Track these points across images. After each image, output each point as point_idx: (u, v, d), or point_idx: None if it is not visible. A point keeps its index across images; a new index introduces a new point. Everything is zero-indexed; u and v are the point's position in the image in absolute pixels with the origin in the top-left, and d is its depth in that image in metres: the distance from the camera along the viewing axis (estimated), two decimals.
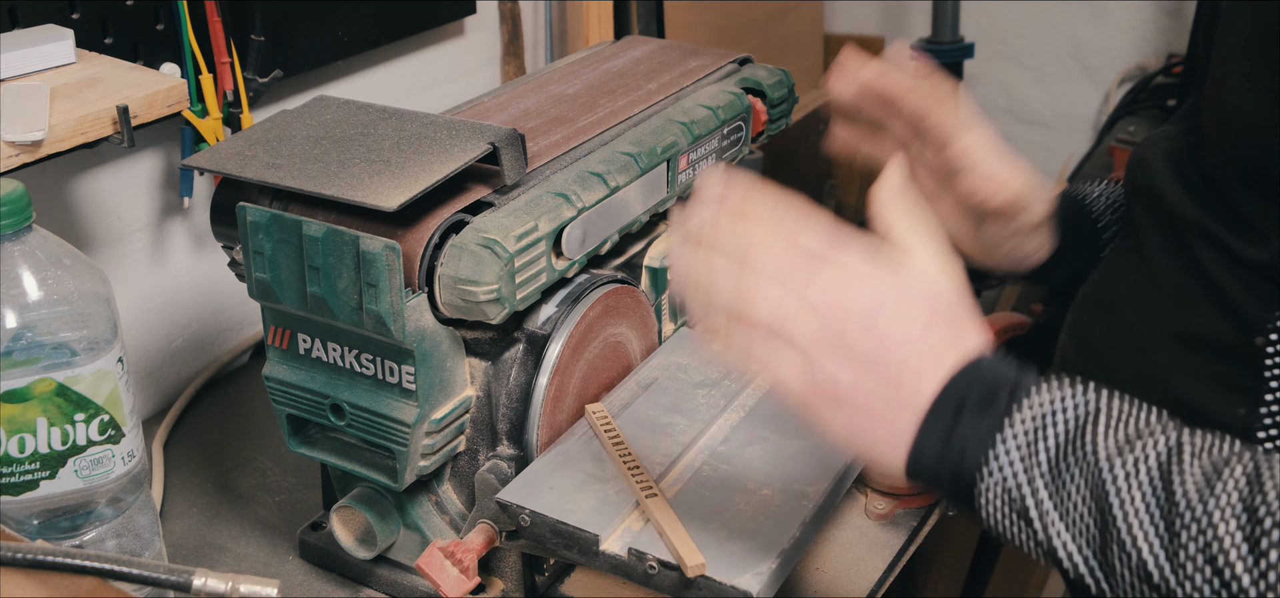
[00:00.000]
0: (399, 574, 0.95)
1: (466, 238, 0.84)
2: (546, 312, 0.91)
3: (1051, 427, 0.63)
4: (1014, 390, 0.64)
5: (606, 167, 0.93)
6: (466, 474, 0.92)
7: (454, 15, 1.51)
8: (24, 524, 0.86)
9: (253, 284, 0.87)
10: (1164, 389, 0.79)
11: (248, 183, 0.89)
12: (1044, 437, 0.63)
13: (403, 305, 0.81)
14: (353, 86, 1.42)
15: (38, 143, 0.90)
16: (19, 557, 0.66)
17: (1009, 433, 0.63)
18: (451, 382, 0.88)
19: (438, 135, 0.89)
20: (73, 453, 0.85)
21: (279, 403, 0.91)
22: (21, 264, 0.82)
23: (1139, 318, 0.83)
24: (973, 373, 0.65)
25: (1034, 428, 0.63)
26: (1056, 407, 0.63)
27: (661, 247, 1.05)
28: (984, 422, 0.64)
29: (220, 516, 1.08)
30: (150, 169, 1.22)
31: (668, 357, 1.01)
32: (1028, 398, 0.64)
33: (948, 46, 2.23)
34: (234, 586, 0.67)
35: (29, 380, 0.82)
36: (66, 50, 1.01)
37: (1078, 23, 2.30)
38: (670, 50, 1.20)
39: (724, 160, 1.08)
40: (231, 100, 1.21)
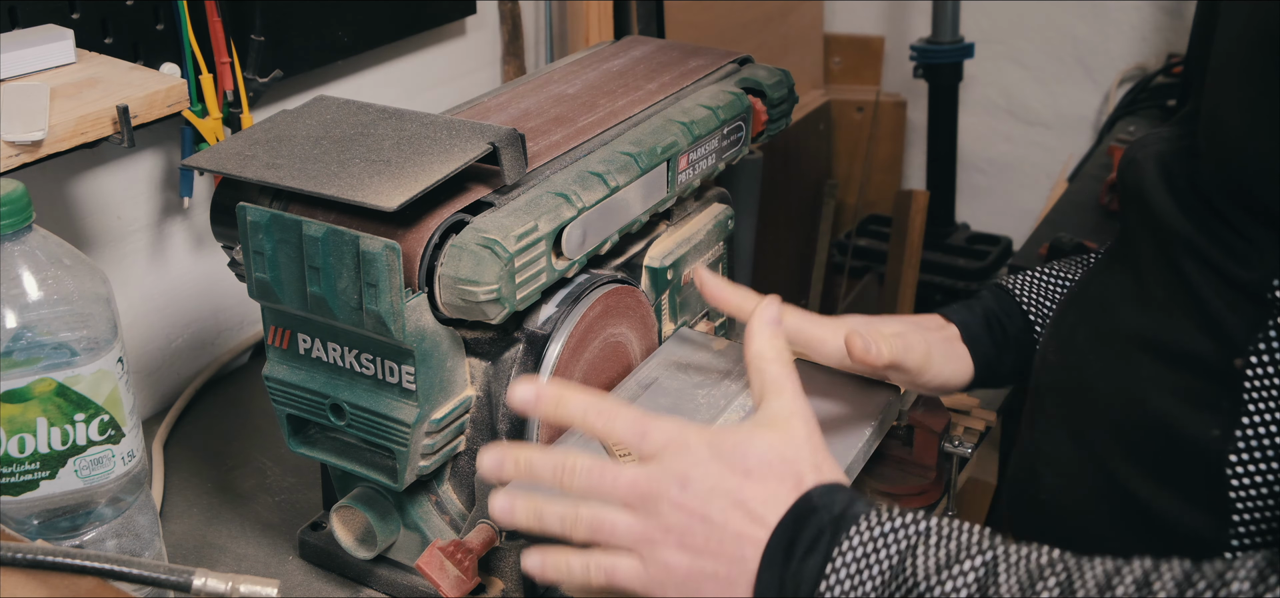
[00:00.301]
0: (399, 574, 0.95)
1: (466, 238, 0.84)
2: (546, 312, 0.91)
3: (877, 557, 0.66)
4: (839, 523, 0.68)
5: (606, 167, 0.93)
6: (466, 474, 0.92)
7: (454, 15, 1.51)
8: (24, 524, 0.86)
9: (253, 284, 0.87)
10: (1141, 403, 0.77)
11: (248, 183, 0.89)
12: (870, 567, 0.66)
13: (403, 305, 0.81)
14: (353, 86, 1.42)
15: (38, 143, 0.90)
16: (19, 557, 0.66)
17: (838, 564, 0.67)
18: (451, 382, 0.88)
19: (438, 135, 0.89)
20: (73, 453, 0.85)
21: (279, 403, 0.91)
22: (21, 264, 0.82)
23: (1124, 325, 0.81)
24: (800, 513, 0.69)
25: (861, 557, 0.66)
26: (883, 536, 0.67)
27: (662, 247, 1.05)
28: (811, 561, 0.67)
29: (220, 516, 1.08)
30: (150, 169, 1.22)
31: (668, 357, 1.01)
32: (856, 528, 0.67)
33: (948, 46, 2.23)
34: (234, 586, 0.67)
35: (29, 380, 0.82)
36: (66, 50, 1.01)
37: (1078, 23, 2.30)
38: (670, 50, 1.20)
39: (726, 160, 1.08)
40: (231, 100, 1.21)
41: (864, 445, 0.93)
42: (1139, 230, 0.82)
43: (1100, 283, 0.87)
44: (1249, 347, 0.71)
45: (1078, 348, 0.86)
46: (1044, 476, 0.85)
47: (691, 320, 1.10)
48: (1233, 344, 0.72)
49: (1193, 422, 0.74)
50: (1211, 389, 0.73)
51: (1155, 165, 0.81)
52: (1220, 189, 0.73)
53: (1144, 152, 0.84)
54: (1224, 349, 0.73)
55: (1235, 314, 0.72)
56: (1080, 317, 0.87)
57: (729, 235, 1.13)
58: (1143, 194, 0.81)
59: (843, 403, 0.96)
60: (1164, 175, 0.80)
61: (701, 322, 1.12)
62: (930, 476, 1.03)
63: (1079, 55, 2.32)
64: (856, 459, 0.91)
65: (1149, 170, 0.81)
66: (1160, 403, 0.76)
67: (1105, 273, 0.88)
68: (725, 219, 1.12)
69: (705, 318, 1.13)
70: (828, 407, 0.95)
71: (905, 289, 2.22)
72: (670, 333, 1.06)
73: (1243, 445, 0.71)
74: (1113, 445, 0.80)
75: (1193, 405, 0.74)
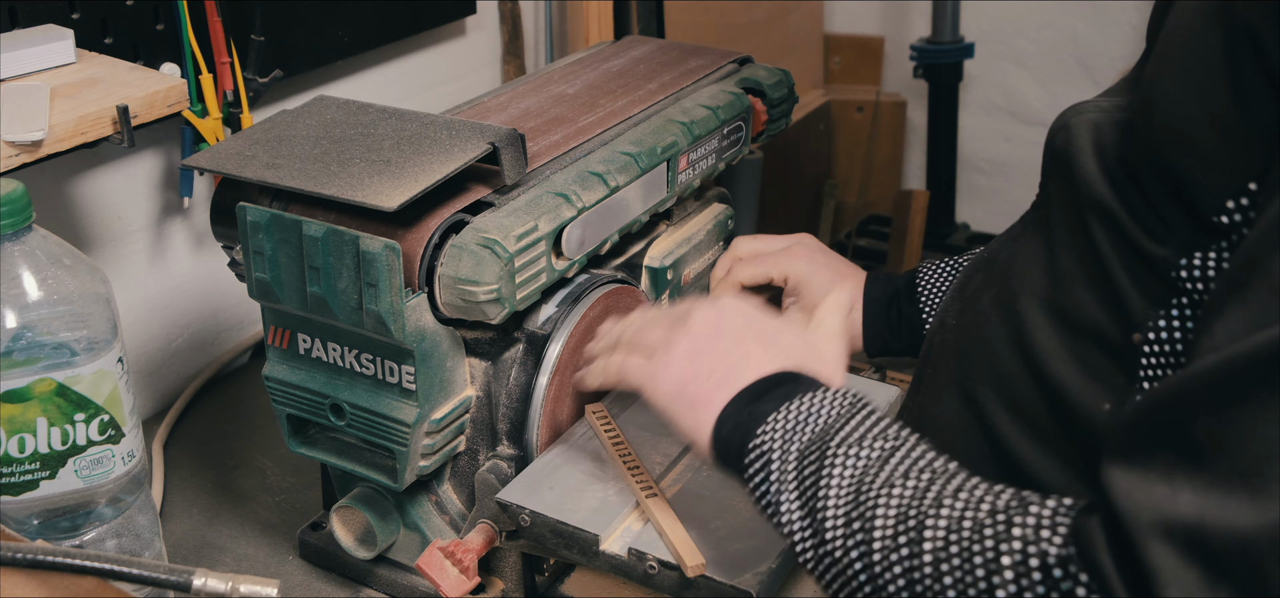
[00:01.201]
0: (399, 574, 0.95)
1: (466, 238, 0.84)
2: (546, 312, 0.91)
3: (816, 415, 0.74)
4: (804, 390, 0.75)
5: (606, 166, 0.93)
6: (466, 474, 0.92)
7: (454, 15, 1.51)
8: (24, 524, 0.86)
9: (253, 284, 0.87)
10: (1037, 370, 0.78)
11: (248, 183, 0.89)
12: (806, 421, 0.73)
13: (403, 305, 0.81)
14: (353, 86, 1.42)
15: (38, 143, 0.90)
16: (19, 557, 0.66)
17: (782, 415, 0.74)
18: (451, 382, 0.88)
19: (438, 135, 0.89)
20: (73, 453, 0.85)
21: (279, 403, 0.91)
22: (21, 264, 0.82)
23: (1026, 290, 0.81)
24: (787, 375, 0.77)
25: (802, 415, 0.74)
26: (825, 403, 0.74)
27: (662, 247, 1.05)
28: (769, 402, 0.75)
29: (220, 516, 1.08)
30: (150, 169, 1.22)
31: None
32: (808, 395, 0.75)
33: (948, 46, 2.23)
34: (234, 586, 0.67)
35: (29, 380, 0.82)
36: (66, 50, 1.01)
37: (1078, 23, 2.30)
38: (670, 50, 1.20)
39: (726, 160, 1.08)
40: (231, 100, 1.21)
41: None
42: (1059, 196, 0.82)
43: (1011, 249, 0.87)
44: (1147, 324, 0.71)
45: (980, 311, 0.85)
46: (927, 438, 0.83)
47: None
48: (1132, 320, 0.72)
49: (1086, 393, 0.74)
50: (1108, 363, 0.73)
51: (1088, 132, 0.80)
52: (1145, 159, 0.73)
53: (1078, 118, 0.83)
54: (1123, 324, 0.73)
55: (1139, 290, 0.72)
56: (986, 281, 0.87)
57: (729, 235, 1.13)
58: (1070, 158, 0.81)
59: None
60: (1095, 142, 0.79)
61: None
62: None
63: (1079, 55, 2.32)
64: None
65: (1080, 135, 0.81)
66: (1057, 370, 0.76)
67: (1018, 239, 0.87)
68: (725, 219, 1.12)
69: None
70: None
71: None
72: None
73: None
74: (1000, 408, 0.80)
75: (1088, 378, 0.74)
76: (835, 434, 0.72)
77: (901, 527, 0.66)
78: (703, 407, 0.76)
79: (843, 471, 0.70)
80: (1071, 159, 0.81)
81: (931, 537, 0.65)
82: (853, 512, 0.68)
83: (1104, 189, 0.76)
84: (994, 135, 2.49)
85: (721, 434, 0.75)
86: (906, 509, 0.67)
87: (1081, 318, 0.76)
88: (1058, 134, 0.85)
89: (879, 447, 0.71)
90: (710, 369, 0.77)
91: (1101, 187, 0.76)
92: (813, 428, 0.73)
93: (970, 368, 0.84)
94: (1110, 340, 0.73)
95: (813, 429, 0.73)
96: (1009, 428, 0.79)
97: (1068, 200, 0.80)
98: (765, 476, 0.73)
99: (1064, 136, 0.83)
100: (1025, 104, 2.43)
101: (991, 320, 0.83)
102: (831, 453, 0.71)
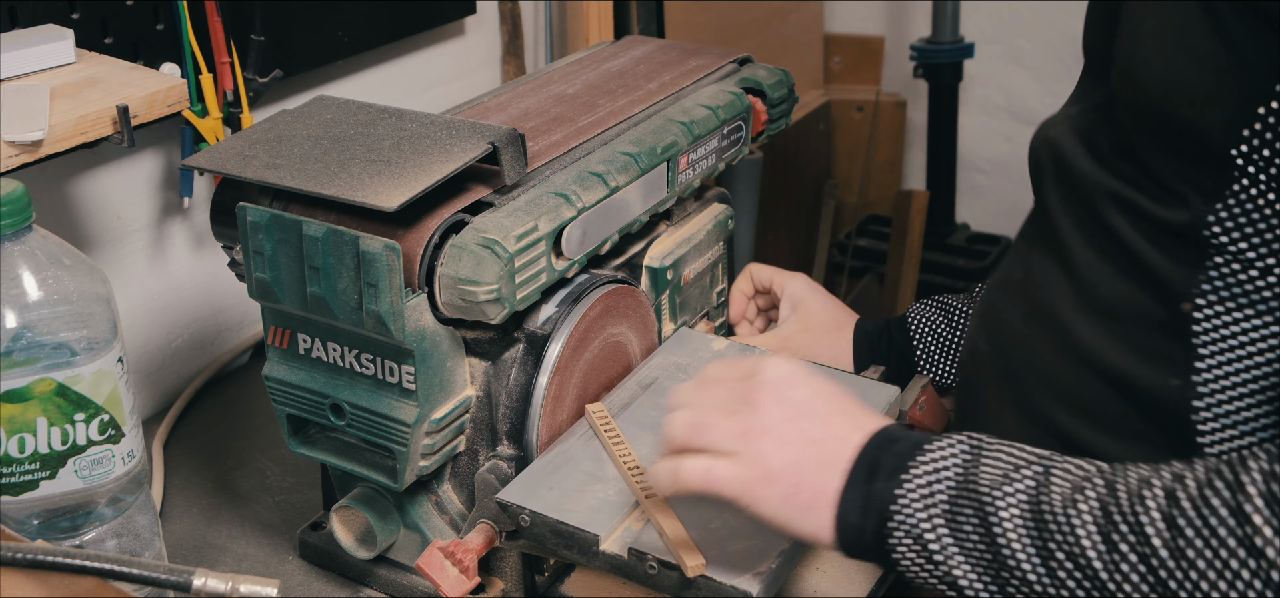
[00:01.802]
0: (399, 574, 0.95)
1: (466, 238, 0.84)
2: (546, 312, 0.91)
3: (945, 472, 0.71)
4: (914, 448, 0.73)
5: (606, 166, 0.93)
6: (466, 474, 0.92)
7: (454, 15, 1.51)
8: (24, 524, 0.86)
9: (253, 284, 0.87)
10: (1093, 366, 0.78)
11: (248, 183, 0.89)
12: (939, 480, 0.71)
13: (403, 305, 0.81)
14: (353, 86, 1.42)
15: (38, 143, 0.90)
16: (19, 557, 0.66)
17: (910, 485, 0.71)
18: (451, 382, 0.88)
19: (438, 135, 0.89)
20: (73, 453, 0.85)
21: (279, 403, 0.91)
22: (21, 264, 0.82)
23: (1055, 297, 0.82)
24: (884, 438, 0.74)
25: (930, 475, 0.71)
26: (947, 455, 0.72)
27: (662, 247, 1.05)
28: (893, 479, 0.72)
29: (220, 516, 1.08)
30: (150, 169, 1.22)
31: (668, 357, 1.01)
32: (924, 452, 0.72)
33: (948, 46, 2.23)
34: (234, 586, 0.67)
35: (29, 380, 0.82)
36: (66, 50, 1.01)
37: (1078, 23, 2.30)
38: (670, 50, 1.20)
39: (726, 160, 1.08)
40: (231, 100, 1.21)
41: None
42: (1058, 204, 0.83)
43: (1022, 267, 0.88)
44: (1193, 291, 0.72)
45: (1012, 332, 0.86)
46: None
47: (691, 320, 1.10)
48: (1175, 291, 0.72)
49: (1149, 375, 0.74)
50: (1161, 340, 0.74)
51: (1072, 137, 0.82)
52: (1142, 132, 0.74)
53: (1056, 130, 0.84)
54: (1167, 298, 0.73)
55: (1174, 261, 0.73)
56: (1008, 301, 0.88)
57: (729, 235, 1.13)
58: (1062, 163, 0.82)
59: None
60: (1084, 141, 0.80)
61: (701, 322, 1.12)
62: None
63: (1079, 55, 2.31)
64: None
65: (1065, 141, 0.82)
66: (1114, 362, 0.77)
67: (1025, 257, 0.88)
68: (725, 219, 1.12)
69: (705, 318, 1.13)
70: None
71: (905, 289, 2.21)
72: (670, 333, 1.06)
73: (1203, 390, 0.72)
74: (1069, 414, 0.80)
75: (1146, 359, 0.75)
76: (977, 481, 0.70)
77: (1113, 529, 0.65)
78: (821, 505, 0.73)
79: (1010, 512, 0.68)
80: (1063, 162, 0.82)
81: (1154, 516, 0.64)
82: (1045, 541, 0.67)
83: (1108, 178, 0.77)
84: (994, 135, 2.49)
85: (849, 524, 0.72)
86: (1108, 511, 0.66)
87: (1121, 306, 0.76)
88: (1040, 150, 0.87)
89: (1031, 473, 0.69)
90: (809, 461, 0.73)
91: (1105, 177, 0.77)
92: (947, 486, 0.71)
93: (1023, 384, 0.84)
94: (1155, 318, 0.74)
95: (948, 487, 0.71)
96: (1083, 430, 0.79)
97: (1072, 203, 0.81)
98: (922, 551, 0.71)
99: (1048, 149, 0.85)
100: (1025, 104, 2.42)
101: (1029, 336, 0.84)
102: (990, 500, 0.69)
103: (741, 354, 1.01)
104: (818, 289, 1.14)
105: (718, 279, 1.13)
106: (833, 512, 0.72)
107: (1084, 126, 0.82)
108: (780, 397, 0.75)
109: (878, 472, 0.72)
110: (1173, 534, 0.63)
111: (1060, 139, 0.83)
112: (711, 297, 1.13)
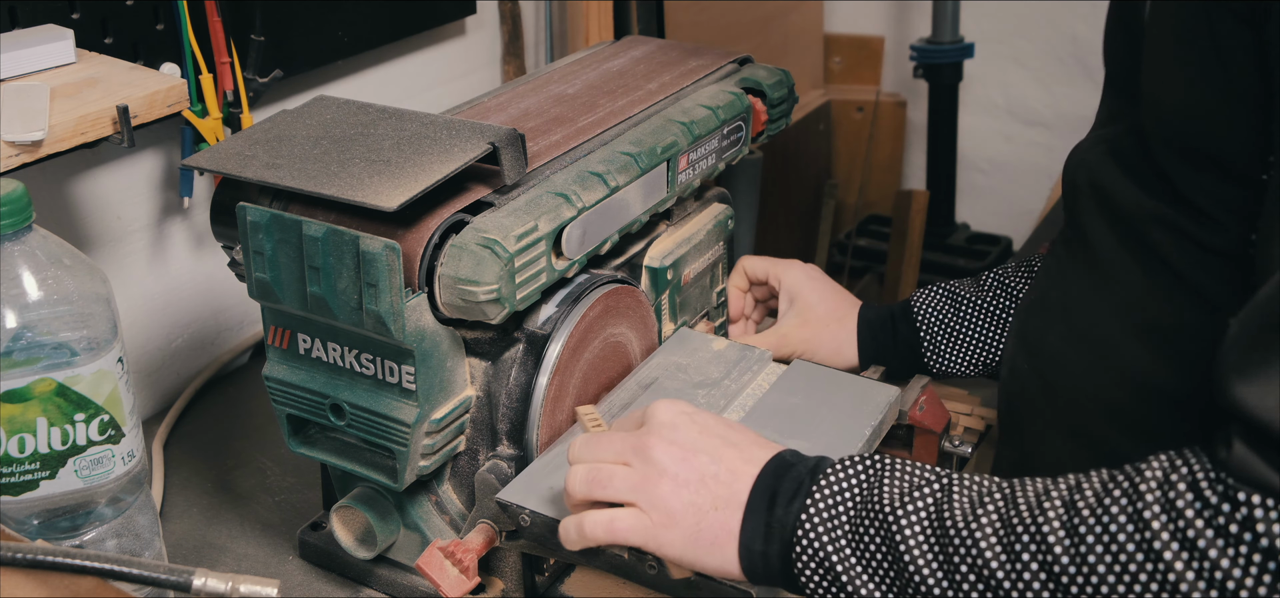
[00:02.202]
0: (399, 574, 0.95)
1: (466, 238, 0.84)
2: (546, 312, 0.91)
3: (847, 494, 0.73)
4: (813, 472, 0.75)
5: (606, 166, 0.93)
6: (466, 474, 0.92)
7: (454, 15, 1.51)
8: (24, 524, 0.86)
9: (253, 284, 0.87)
10: (1139, 384, 0.79)
11: (248, 183, 0.89)
12: (842, 503, 0.73)
13: (403, 305, 0.81)
14: (353, 86, 1.42)
15: (38, 143, 0.90)
16: (19, 557, 0.66)
17: (813, 509, 0.73)
18: (451, 382, 0.88)
19: (438, 135, 0.89)
20: (73, 453, 0.85)
21: (279, 403, 0.91)
22: (21, 264, 0.82)
23: (1098, 318, 0.83)
24: (779, 465, 0.76)
25: (833, 497, 0.73)
26: (849, 477, 0.74)
27: (662, 247, 1.05)
28: (794, 505, 0.74)
29: (220, 516, 1.08)
30: (150, 169, 1.22)
31: (668, 357, 1.01)
32: (825, 476, 0.74)
33: (948, 46, 2.23)
34: (234, 586, 0.67)
35: (29, 380, 0.82)
36: (66, 50, 1.01)
37: (1078, 23, 2.30)
38: (670, 50, 1.20)
39: (726, 160, 1.08)
40: (231, 100, 1.21)
41: (864, 446, 0.93)
42: (1099, 227, 0.84)
43: (1058, 288, 0.89)
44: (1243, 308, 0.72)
45: (1052, 353, 0.87)
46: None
47: (691, 320, 1.10)
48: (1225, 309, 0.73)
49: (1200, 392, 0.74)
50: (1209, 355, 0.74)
51: (1111, 159, 0.83)
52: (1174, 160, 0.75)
53: (1090, 152, 0.86)
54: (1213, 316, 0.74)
55: (1221, 280, 0.74)
56: (1046, 323, 0.89)
57: (729, 235, 1.13)
58: (1100, 186, 0.83)
59: (843, 403, 0.96)
60: (1122, 163, 0.81)
61: (701, 322, 1.12)
62: None
63: (1079, 55, 2.32)
64: None
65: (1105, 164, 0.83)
66: (1164, 380, 0.78)
67: (1060, 277, 0.89)
68: (725, 219, 1.12)
69: (705, 318, 1.13)
70: (828, 406, 0.95)
71: (905, 289, 2.22)
72: (670, 333, 1.06)
73: None
74: (1114, 432, 0.81)
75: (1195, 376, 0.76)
76: (880, 500, 0.72)
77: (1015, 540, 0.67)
78: (723, 542, 0.74)
79: (913, 528, 0.70)
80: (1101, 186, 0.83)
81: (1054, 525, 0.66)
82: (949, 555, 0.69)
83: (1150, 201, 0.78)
84: (994, 135, 2.49)
85: (753, 552, 0.74)
86: (1009, 521, 0.68)
87: (1169, 326, 0.77)
88: (1076, 172, 0.87)
89: (931, 490, 0.71)
90: (706, 499, 0.75)
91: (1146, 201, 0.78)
92: (849, 507, 0.73)
93: (1066, 405, 0.85)
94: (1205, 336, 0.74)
95: (851, 508, 0.72)
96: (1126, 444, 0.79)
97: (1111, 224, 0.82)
98: (826, 572, 0.72)
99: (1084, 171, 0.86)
100: (1025, 104, 2.43)
101: (1069, 356, 0.85)
102: (893, 517, 0.71)
103: (742, 353, 1.01)
104: (816, 277, 1.13)
105: (718, 279, 1.13)
106: (736, 545, 0.74)
107: (1121, 150, 0.82)
108: (670, 439, 0.76)
109: (777, 498, 0.74)
110: (1073, 541, 0.65)
111: (1098, 164, 0.84)
112: (711, 297, 1.13)
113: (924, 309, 1.10)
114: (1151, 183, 0.78)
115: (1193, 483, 0.63)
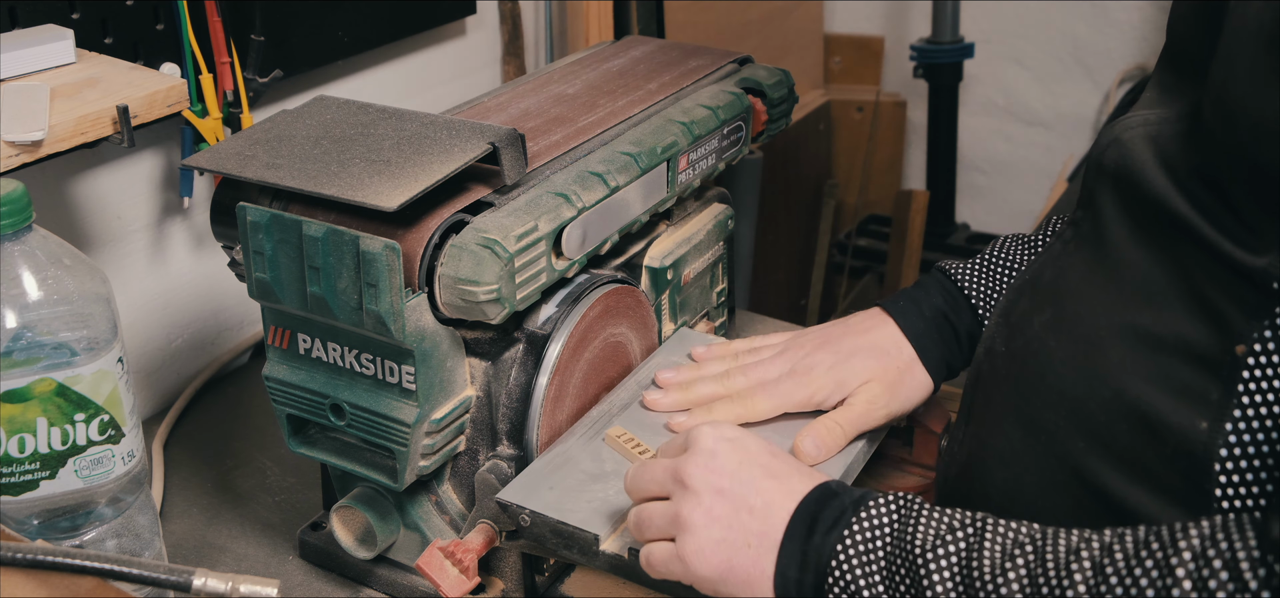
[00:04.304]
0: (399, 574, 0.95)
1: (466, 238, 0.84)
2: (546, 312, 0.91)
3: (884, 530, 0.72)
4: (857, 505, 0.74)
5: (606, 166, 0.93)
6: (466, 474, 0.92)
7: (454, 15, 1.51)
8: (24, 524, 0.86)
9: (253, 284, 0.87)
10: (1116, 391, 0.74)
11: (248, 183, 0.89)
12: (880, 537, 0.72)
13: (403, 305, 0.81)
14: (353, 86, 1.42)
15: (38, 143, 0.90)
16: (19, 557, 0.66)
17: (849, 540, 0.72)
18: (451, 382, 0.88)
19: (438, 135, 0.89)
20: (73, 453, 0.85)
21: (279, 403, 0.91)
22: (21, 264, 0.82)
23: (1090, 311, 0.77)
24: (824, 494, 0.75)
25: (870, 532, 0.72)
26: (888, 513, 0.73)
27: (662, 247, 1.05)
28: (831, 535, 0.73)
29: (220, 516, 1.08)
30: (150, 169, 1.22)
31: (668, 357, 1.01)
32: (864, 509, 0.73)
33: (948, 46, 2.23)
34: (234, 586, 0.67)
35: (29, 380, 0.82)
36: (66, 50, 1.01)
37: (1078, 23, 2.30)
38: (670, 50, 1.20)
39: (726, 160, 1.08)
40: (231, 100, 1.21)
41: (863, 447, 0.93)
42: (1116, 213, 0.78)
43: (1058, 268, 0.83)
44: (1252, 335, 0.68)
45: (1033, 336, 0.82)
46: (993, 471, 0.82)
47: (691, 320, 1.10)
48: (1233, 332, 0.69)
49: (1178, 414, 0.71)
50: (1200, 379, 0.70)
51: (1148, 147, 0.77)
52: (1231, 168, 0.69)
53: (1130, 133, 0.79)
54: (1222, 337, 0.69)
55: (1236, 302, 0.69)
56: (1034, 304, 0.83)
57: (729, 235, 1.13)
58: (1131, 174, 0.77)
59: None
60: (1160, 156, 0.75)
61: (701, 322, 1.12)
62: (930, 476, 1.03)
63: (1079, 55, 2.32)
64: (856, 460, 0.91)
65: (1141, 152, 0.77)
66: (1139, 392, 0.73)
67: (1063, 257, 0.83)
68: (725, 219, 1.12)
69: (705, 318, 1.13)
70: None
71: None
72: (670, 333, 1.06)
73: (1233, 439, 0.68)
74: (1076, 436, 0.76)
75: (1176, 396, 0.71)
76: (913, 542, 0.71)
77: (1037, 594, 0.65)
78: (757, 579, 0.74)
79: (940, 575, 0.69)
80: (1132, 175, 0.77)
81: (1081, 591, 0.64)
82: None
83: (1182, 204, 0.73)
84: (994, 135, 2.49)
85: (788, 579, 0.73)
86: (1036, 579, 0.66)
87: (1166, 335, 0.72)
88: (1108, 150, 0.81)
89: (964, 534, 0.70)
90: (741, 532, 0.74)
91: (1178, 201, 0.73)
92: (883, 546, 0.72)
93: (1032, 396, 0.80)
94: (1202, 355, 0.70)
95: (884, 547, 0.72)
96: (1088, 455, 0.76)
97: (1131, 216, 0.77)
98: None
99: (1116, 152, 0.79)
100: (1025, 104, 2.43)
101: (1049, 345, 0.80)
102: (923, 562, 0.70)
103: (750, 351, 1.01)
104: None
105: (718, 279, 1.13)
106: (769, 583, 0.74)
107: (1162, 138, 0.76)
108: (708, 467, 0.76)
109: (816, 526, 0.73)
110: None
111: (1132, 145, 0.78)
112: (711, 297, 1.13)
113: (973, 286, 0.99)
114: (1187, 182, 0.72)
115: (1232, 564, 0.60)
